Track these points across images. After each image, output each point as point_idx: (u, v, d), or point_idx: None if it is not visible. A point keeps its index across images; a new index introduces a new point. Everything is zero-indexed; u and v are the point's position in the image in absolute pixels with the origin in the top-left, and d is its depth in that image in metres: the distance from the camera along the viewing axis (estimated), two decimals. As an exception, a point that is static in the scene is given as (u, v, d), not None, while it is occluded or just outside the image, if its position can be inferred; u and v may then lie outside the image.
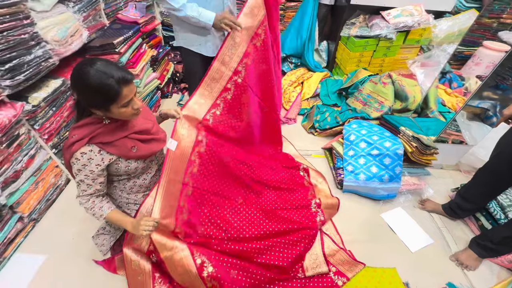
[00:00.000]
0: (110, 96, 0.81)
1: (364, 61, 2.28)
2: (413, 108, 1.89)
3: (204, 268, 1.06)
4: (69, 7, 1.45)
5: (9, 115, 1.11)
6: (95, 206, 1.00)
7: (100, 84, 0.78)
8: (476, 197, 1.37)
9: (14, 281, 1.12)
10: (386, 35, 2.05)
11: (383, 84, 1.91)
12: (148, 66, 2.02)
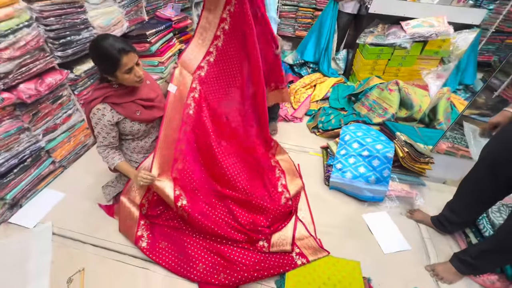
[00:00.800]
0: (113, 62, 1.03)
1: (378, 69, 2.27)
2: (418, 117, 1.85)
3: (179, 199, 1.26)
4: (116, 2, 1.80)
5: (57, 79, 1.44)
6: (109, 156, 1.24)
7: (104, 53, 1.01)
8: (462, 209, 1.31)
9: (38, 208, 1.43)
10: (401, 44, 2.04)
11: (389, 91, 1.91)
12: (176, 57, 2.32)
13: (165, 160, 1.32)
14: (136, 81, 1.13)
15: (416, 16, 2.11)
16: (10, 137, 1.30)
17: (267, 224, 1.36)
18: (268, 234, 1.33)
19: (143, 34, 1.92)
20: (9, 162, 1.31)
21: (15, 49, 1.20)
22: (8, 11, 1.15)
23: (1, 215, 1.34)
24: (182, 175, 1.37)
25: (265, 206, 1.39)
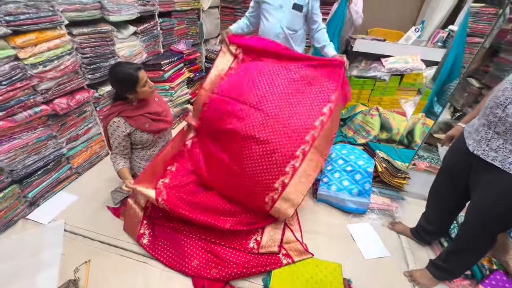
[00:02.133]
0: (133, 80, 1.28)
1: (363, 98, 2.56)
2: (397, 139, 2.06)
3: (160, 194, 1.39)
4: (139, 37, 2.16)
5: (84, 96, 1.71)
6: (116, 161, 1.44)
7: (125, 74, 1.27)
8: (434, 218, 1.45)
9: (53, 207, 1.59)
10: (380, 76, 2.34)
11: (371, 116, 2.15)
12: (184, 83, 2.65)
13: (153, 172, 1.47)
14: (150, 91, 1.39)
15: (394, 54, 2.45)
16: (41, 142, 1.52)
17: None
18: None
19: (159, 63, 2.25)
20: (36, 164, 1.52)
21: (57, 71, 1.49)
22: (56, 42, 1.46)
23: (21, 211, 1.51)
24: (167, 189, 1.45)
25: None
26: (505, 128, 0.93)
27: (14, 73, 1.29)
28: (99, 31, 1.73)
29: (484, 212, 1.04)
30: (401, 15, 3.51)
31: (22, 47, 1.31)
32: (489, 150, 0.99)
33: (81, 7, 1.59)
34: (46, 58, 1.42)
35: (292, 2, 1.75)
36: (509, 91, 0.92)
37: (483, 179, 1.04)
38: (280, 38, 1.87)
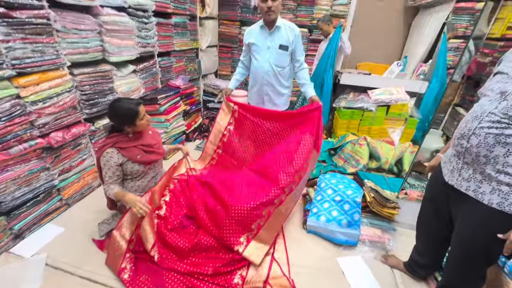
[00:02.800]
0: (134, 114, 1.39)
1: (353, 128, 2.62)
2: (386, 167, 2.07)
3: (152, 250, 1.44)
4: (138, 75, 2.33)
5: (80, 130, 1.80)
6: (110, 188, 1.46)
7: (126, 109, 1.38)
8: (424, 249, 1.40)
9: (38, 240, 1.58)
10: (367, 107, 2.43)
11: (359, 145, 2.19)
12: (180, 116, 2.77)
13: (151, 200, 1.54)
14: (147, 124, 1.49)
15: (379, 86, 2.57)
16: (33, 174, 1.57)
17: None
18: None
19: (155, 98, 2.39)
20: (26, 196, 1.55)
21: (55, 107, 1.60)
22: (57, 81, 1.59)
23: (5, 244, 1.50)
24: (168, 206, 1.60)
25: None
26: (472, 158, 0.95)
27: (14, 110, 1.39)
28: (100, 70, 1.88)
29: (466, 244, 1.01)
30: (388, 50, 3.75)
31: (24, 86, 1.43)
32: (461, 180, 1.00)
33: (84, 50, 1.75)
34: (46, 96, 1.54)
35: (278, 43, 1.92)
36: (470, 123, 0.96)
37: (461, 210, 1.04)
38: (270, 74, 2.03)
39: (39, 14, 1.42)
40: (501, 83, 0.92)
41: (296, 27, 1.94)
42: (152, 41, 2.41)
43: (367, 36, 3.77)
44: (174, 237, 1.49)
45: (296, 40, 1.93)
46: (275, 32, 1.91)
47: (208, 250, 1.52)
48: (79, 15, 1.67)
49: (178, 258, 1.46)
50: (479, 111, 0.95)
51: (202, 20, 3.42)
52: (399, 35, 3.65)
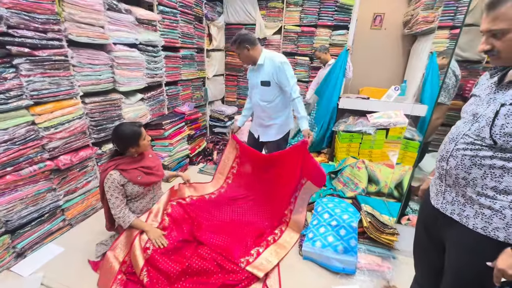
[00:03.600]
0: (137, 135, 1.52)
1: (353, 151, 2.61)
2: (385, 191, 2.01)
3: (142, 273, 1.44)
4: (145, 102, 2.51)
5: (87, 153, 1.93)
6: (125, 215, 1.53)
7: (131, 130, 1.51)
8: (423, 280, 1.31)
9: (37, 259, 1.63)
10: (366, 130, 2.44)
11: (358, 169, 2.16)
12: (184, 140, 2.89)
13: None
14: (148, 144, 1.62)
15: (378, 110, 2.60)
16: (40, 194, 1.67)
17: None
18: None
19: (160, 123, 2.54)
20: (31, 215, 1.64)
21: (66, 132, 1.75)
22: (70, 109, 1.76)
23: (7, 262, 1.56)
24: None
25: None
26: (452, 180, 0.94)
27: (28, 135, 1.54)
28: (109, 99, 2.06)
29: (457, 274, 0.96)
30: (389, 75, 3.83)
31: (39, 114, 1.59)
32: (446, 203, 0.98)
33: (96, 82, 1.95)
34: (58, 122, 1.69)
35: (260, 79, 1.96)
36: (448, 145, 0.96)
37: (449, 235, 0.99)
38: (259, 109, 2.10)
39: (58, 52, 1.63)
40: (474, 105, 0.93)
41: (278, 57, 1.87)
42: (160, 72, 2.62)
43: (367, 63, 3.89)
44: (164, 261, 1.49)
45: (279, 70, 1.86)
46: (259, 69, 1.95)
47: (199, 275, 1.50)
48: (94, 52, 1.89)
49: (168, 283, 1.45)
50: (455, 133, 0.95)
51: (209, 52, 3.70)
52: (399, 61, 3.73)
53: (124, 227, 1.58)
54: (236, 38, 1.92)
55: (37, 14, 1.49)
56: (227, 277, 1.49)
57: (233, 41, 1.93)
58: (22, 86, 1.48)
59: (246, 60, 1.97)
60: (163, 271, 1.46)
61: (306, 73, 3.85)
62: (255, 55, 1.93)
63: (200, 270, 1.50)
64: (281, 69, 1.87)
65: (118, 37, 2.06)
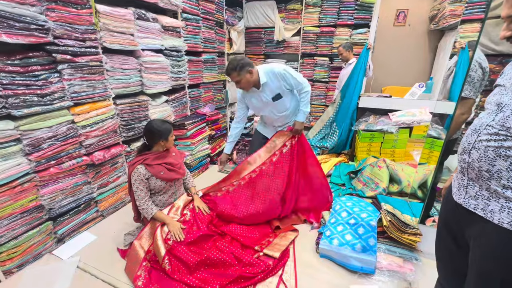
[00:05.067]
0: (168, 131, 1.67)
1: (374, 150, 2.53)
2: (408, 191, 1.93)
3: (164, 261, 1.53)
4: (169, 104, 2.66)
5: (118, 150, 2.10)
6: (148, 208, 1.66)
7: (163, 128, 1.66)
8: (447, 282, 1.24)
9: (74, 245, 1.81)
10: (388, 129, 2.35)
11: (378, 168, 2.10)
12: (205, 140, 3.01)
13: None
14: (173, 141, 1.76)
15: (400, 108, 2.50)
16: (77, 187, 1.85)
17: None
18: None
19: (183, 123, 2.68)
20: (70, 205, 1.82)
21: (100, 131, 1.92)
22: (103, 110, 1.93)
23: (49, 246, 1.75)
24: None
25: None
26: (475, 174, 0.90)
27: (68, 133, 1.72)
28: (138, 100, 2.22)
29: (481, 273, 0.90)
30: (414, 73, 3.66)
31: (78, 114, 1.77)
32: (469, 198, 0.94)
33: (126, 85, 2.12)
34: (94, 121, 1.87)
35: (270, 96, 1.91)
36: (470, 137, 0.92)
37: (472, 232, 0.94)
38: (275, 119, 2.07)
39: (94, 58, 1.81)
40: (498, 95, 0.89)
41: (278, 68, 1.83)
42: (184, 75, 2.77)
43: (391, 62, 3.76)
44: (184, 251, 1.57)
45: (285, 78, 1.84)
46: (264, 88, 1.88)
47: (217, 266, 1.56)
48: (125, 57, 2.06)
49: (188, 272, 1.53)
50: (477, 124, 0.92)
51: (229, 56, 3.82)
52: (425, 58, 3.56)
53: (147, 218, 1.70)
54: (235, 64, 1.75)
55: (77, 25, 1.67)
56: (244, 269, 1.53)
57: (231, 69, 1.76)
58: (64, 89, 1.67)
59: (247, 85, 1.83)
60: (183, 261, 1.54)
61: (326, 73, 3.82)
62: (255, 77, 1.83)
63: (218, 262, 1.56)
64: (286, 76, 1.84)
65: (146, 44, 2.22)
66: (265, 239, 1.80)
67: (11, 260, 1.55)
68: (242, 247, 1.72)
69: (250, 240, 1.80)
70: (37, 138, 1.57)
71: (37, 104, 1.54)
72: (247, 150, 3.48)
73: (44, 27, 1.49)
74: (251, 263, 1.56)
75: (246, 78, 1.79)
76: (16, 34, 1.39)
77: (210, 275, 1.51)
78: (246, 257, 1.59)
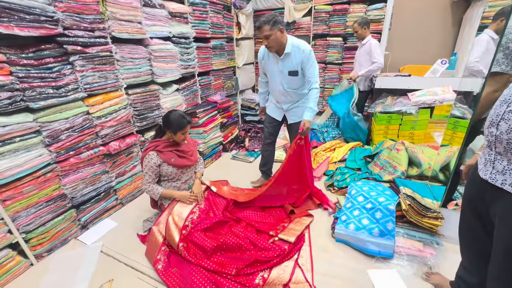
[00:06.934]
0: (181, 127, 1.66)
1: (392, 133, 2.42)
2: (429, 174, 1.84)
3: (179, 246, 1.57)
4: (180, 93, 2.66)
5: (132, 140, 2.14)
6: (153, 188, 1.71)
7: (178, 122, 1.65)
8: (470, 265, 1.19)
9: (97, 231, 1.89)
10: (406, 110, 2.23)
11: (396, 151, 2.01)
12: (217, 128, 3.00)
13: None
14: (182, 140, 1.74)
15: (421, 88, 2.35)
16: (96, 176, 1.92)
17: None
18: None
19: (195, 112, 2.67)
20: (90, 194, 1.90)
21: (114, 121, 1.95)
22: (116, 100, 1.95)
23: (74, 232, 1.84)
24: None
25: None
26: (503, 147, 0.83)
27: (84, 124, 1.76)
28: (149, 90, 2.23)
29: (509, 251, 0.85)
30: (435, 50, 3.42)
31: (92, 105, 1.80)
32: (496, 173, 0.87)
33: (137, 75, 2.12)
34: (108, 112, 1.90)
35: (287, 69, 1.91)
36: (499, 108, 0.85)
37: (499, 209, 0.89)
38: (285, 94, 2.04)
39: (104, 48, 1.81)
40: None
41: (306, 46, 1.83)
42: (193, 63, 2.74)
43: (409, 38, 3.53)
44: (201, 237, 1.61)
45: (306, 60, 1.83)
46: (285, 58, 1.88)
47: (233, 250, 1.58)
48: (134, 47, 2.05)
49: (205, 256, 1.57)
50: (507, 94, 0.84)
51: (238, 41, 3.73)
52: (448, 32, 3.30)
53: (155, 198, 1.77)
54: (269, 18, 1.72)
55: (85, 14, 1.67)
56: (260, 254, 1.54)
57: (264, 22, 1.72)
58: (77, 81, 1.69)
59: (275, 44, 1.80)
60: (201, 246, 1.57)
61: (339, 55, 3.65)
62: (284, 40, 1.82)
63: (234, 246, 1.58)
64: (309, 58, 1.83)
65: (153, 32, 2.19)
66: (280, 224, 1.81)
67: (41, 245, 1.65)
68: (257, 233, 1.73)
69: (265, 226, 1.81)
70: (55, 130, 1.62)
71: (52, 96, 1.57)
72: (260, 137, 3.46)
73: (54, 18, 1.49)
74: (266, 247, 1.57)
75: (276, 36, 1.76)
76: (27, 26, 1.40)
77: (226, 259, 1.54)
78: (262, 242, 1.61)
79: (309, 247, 1.66)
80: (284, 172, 2.00)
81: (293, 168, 2.02)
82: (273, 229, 1.76)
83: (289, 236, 1.66)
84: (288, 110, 2.12)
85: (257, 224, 1.81)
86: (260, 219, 1.90)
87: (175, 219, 1.64)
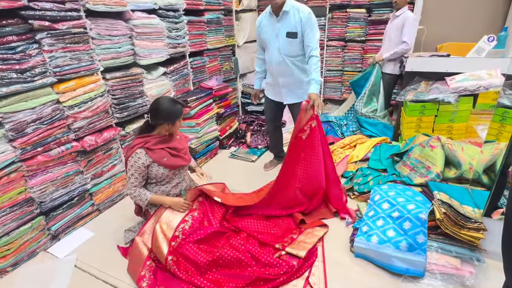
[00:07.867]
0: (178, 113, 1.72)
1: (425, 126, 2.42)
2: (469, 176, 1.85)
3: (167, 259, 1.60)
4: (168, 77, 2.68)
5: (111, 134, 2.17)
6: (141, 194, 1.74)
7: (172, 107, 1.69)
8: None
9: (70, 242, 1.95)
10: (443, 99, 2.22)
11: (430, 148, 2.02)
12: (213, 120, 3.03)
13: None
14: (179, 127, 1.82)
15: (462, 71, 2.34)
16: (69, 177, 1.96)
17: None
18: None
19: (185, 100, 2.70)
20: (62, 198, 1.95)
21: (89, 111, 1.99)
22: (91, 86, 1.99)
23: (43, 244, 1.90)
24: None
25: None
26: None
27: (54, 114, 1.80)
28: (130, 74, 2.26)
29: None
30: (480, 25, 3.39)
31: (63, 92, 1.84)
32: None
33: (116, 55, 2.15)
34: (81, 101, 1.94)
35: (285, 31, 2.10)
36: None
37: None
38: (283, 65, 2.22)
39: (77, 24, 1.83)
40: None
41: (305, 8, 2.06)
42: (183, 41, 2.76)
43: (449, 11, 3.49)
44: (193, 250, 1.64)
45: (305, 22, 2.03)
46: (283, 18, 2.07)
47: (231, 266, 1.62)
48: (112, 21, 2.08)
49: (198, 273, 1.60)
50: None
51: (238, 14, 3.73)
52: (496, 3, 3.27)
53: (143, 205, 1.80)
54: None
55: (54, -17, 1.69)
56: (263, 270, 1.57)
57: None
58: (45, 63, 1.72)
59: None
60: (193, 260, 1.61)
61: (362, 30, 3.64)
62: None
63: (232, 262, 1.62)
64: (308, 20, 2.03)
65: (136, 3, 2.22)
66: (287, 236, 1.84)
67: (4, 258, 1.70)
68: (260, 245, 1.76)
69: (270, 237, 1.84)
70: (20, 122, 1.66)
71: (16, 82, 1.61)
72: (263, 131, 3.48)
73: (16, -13, 1.52)
74: (271, 263, 1.60)
75: None
76: (-16, -2, 1.43)
77: (223, 277, 1.58)
78: (265, 256, 1.64)
79: (322, 263, 1.69)
80: (289, 166, 2.03)
81: (302, 159, 2.02)
82: (280, 241, 1.78)
83: (299, 249, 1.69)
84: (284, 86, 2.26)
85: (260, 235, 1.84)
86: (264, 230, 1.92)
87: (163, 228, 1.68)
